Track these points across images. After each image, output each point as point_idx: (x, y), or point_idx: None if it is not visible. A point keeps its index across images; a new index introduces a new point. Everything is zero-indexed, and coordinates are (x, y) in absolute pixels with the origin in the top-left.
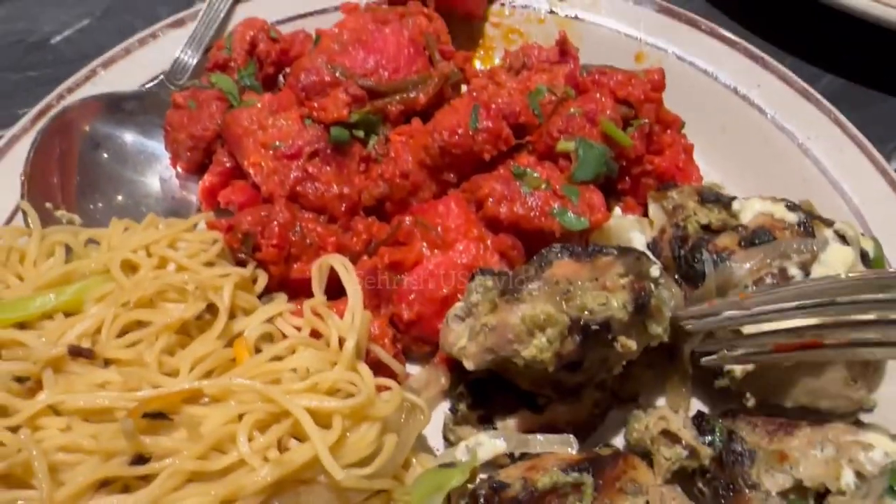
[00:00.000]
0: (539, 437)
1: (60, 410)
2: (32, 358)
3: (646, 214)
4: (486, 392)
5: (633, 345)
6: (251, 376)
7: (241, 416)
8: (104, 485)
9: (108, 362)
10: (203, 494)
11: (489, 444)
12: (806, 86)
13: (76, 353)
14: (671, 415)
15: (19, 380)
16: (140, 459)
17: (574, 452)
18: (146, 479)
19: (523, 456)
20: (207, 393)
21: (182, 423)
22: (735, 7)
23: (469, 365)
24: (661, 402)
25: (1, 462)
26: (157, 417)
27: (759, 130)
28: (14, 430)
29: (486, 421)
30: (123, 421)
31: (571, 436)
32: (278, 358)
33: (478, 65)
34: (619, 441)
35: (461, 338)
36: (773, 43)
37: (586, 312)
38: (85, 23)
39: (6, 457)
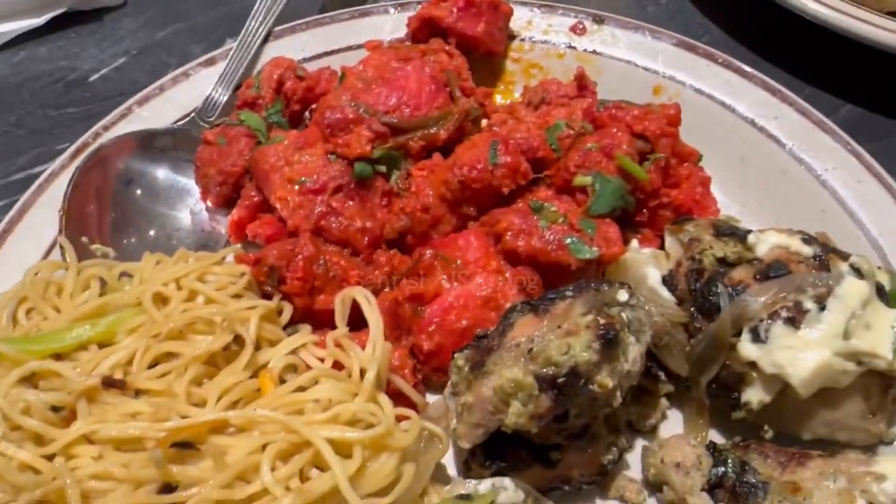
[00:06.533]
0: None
1: (94, 439)
2: (68, 388)
3: (662, 246)
4: (498, 448)
5: (608, 382)
6: (275, 407)
7: (264, 447)
8: None
9: (139, 392)
10: None
11: (512, 491)
12: (823, 117)
13: (109, 384)
14: (683, 445)
15: (55, 409)
16: (168, 488)
17: None
18: None
19: None
20: (233, 423)
21: (208, 453)
22: (754, 38)
23: (465, 444)
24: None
25: (37, 489)
26: (185, 447)
27: (776, 162)
28: (49, 458)
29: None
30: (153, 451)
31: None
32: (301, 389)
33: (498, 99)
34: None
35: (452, 419)
36: (792, 73)
37: (552, 366)
38: (121, 61)
39: (42, 484)
